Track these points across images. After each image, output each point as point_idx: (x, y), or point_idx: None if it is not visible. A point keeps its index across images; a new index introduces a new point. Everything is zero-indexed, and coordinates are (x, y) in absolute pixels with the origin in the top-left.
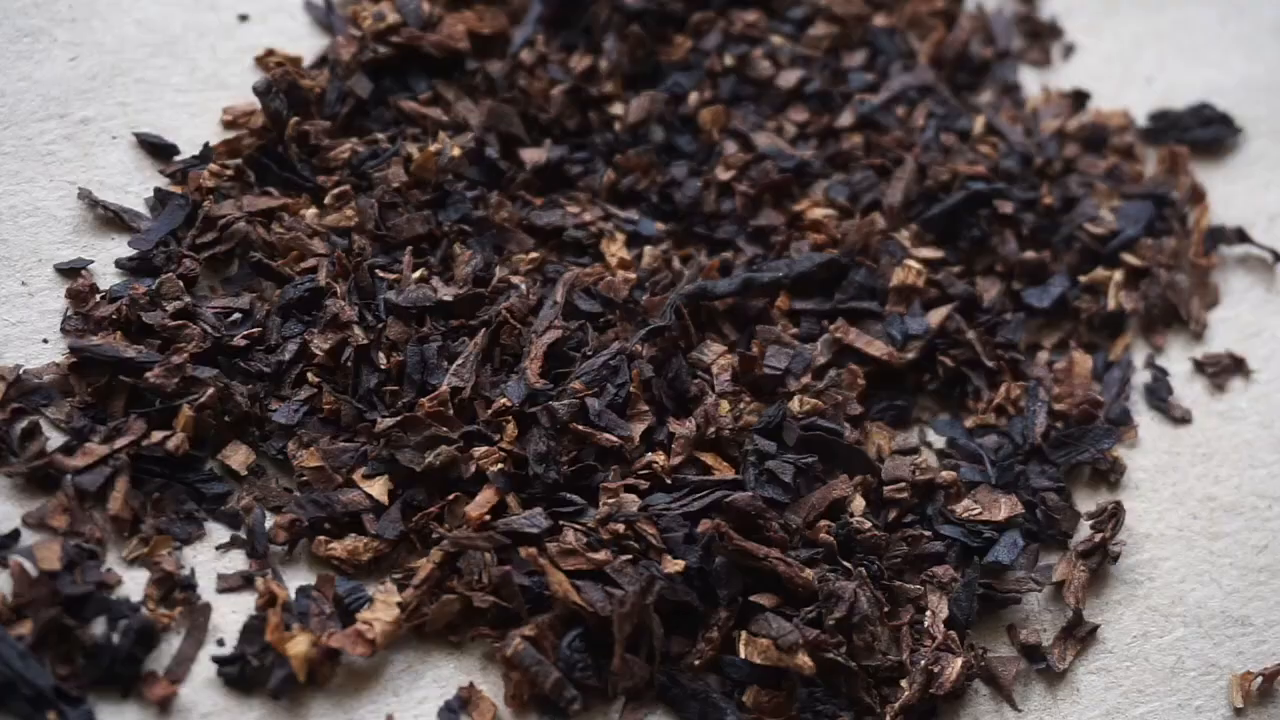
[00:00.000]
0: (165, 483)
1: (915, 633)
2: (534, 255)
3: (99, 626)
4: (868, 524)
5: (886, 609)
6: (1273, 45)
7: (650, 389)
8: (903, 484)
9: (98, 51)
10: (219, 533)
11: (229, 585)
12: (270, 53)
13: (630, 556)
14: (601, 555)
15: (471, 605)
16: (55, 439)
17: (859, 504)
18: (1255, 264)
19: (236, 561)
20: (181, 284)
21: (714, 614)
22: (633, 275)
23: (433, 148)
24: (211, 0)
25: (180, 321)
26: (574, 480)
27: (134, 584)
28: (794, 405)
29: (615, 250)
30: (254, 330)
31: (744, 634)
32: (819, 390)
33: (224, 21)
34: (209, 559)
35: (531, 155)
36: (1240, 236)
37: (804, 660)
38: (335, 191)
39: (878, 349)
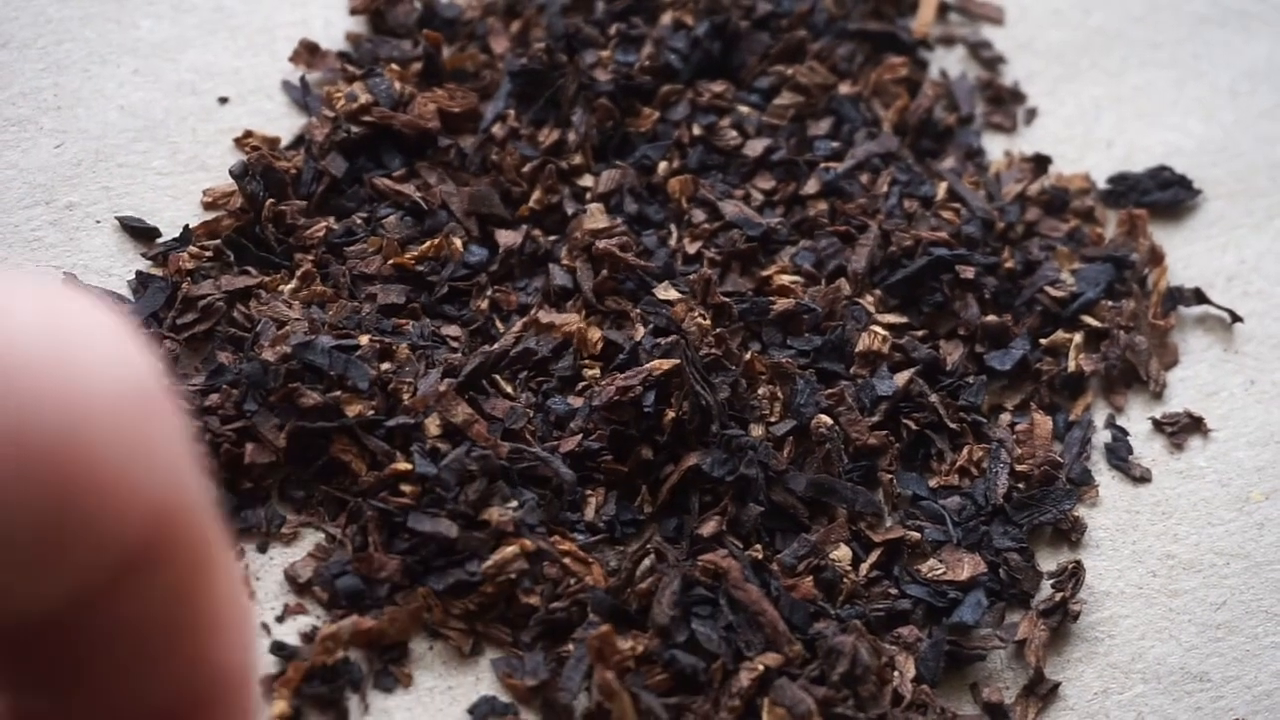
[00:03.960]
0: None
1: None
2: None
3: None
4: (849, 570)
5: (885, 660)
6: (1230, 107)
7: None
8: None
9: (82, 138)
10: None
11: None
12: (249, 134)
13: None
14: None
15: None
16: None
17: (844, 553)
18: (1214, 324)
19: None
20: (162, 365)
21: (727, 678)
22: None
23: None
24: (193, 84)
25: None
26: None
27: None
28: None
29: (592, 335)
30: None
31: (767, 702)
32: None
33: (204, 104)
34: None
35: (506, 238)
36: (1199, 297)
37: None
38: (300, 272)
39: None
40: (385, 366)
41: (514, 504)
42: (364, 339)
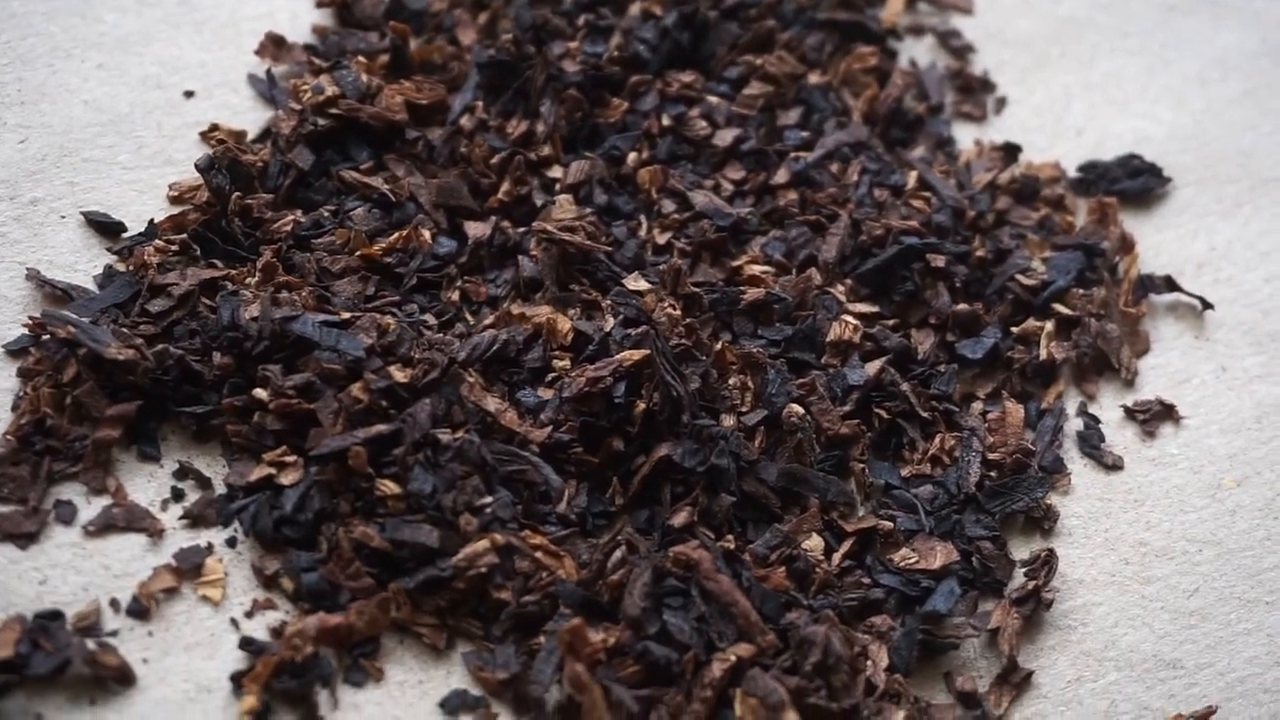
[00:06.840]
0: None
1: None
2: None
3: None
4: (822, 560)
5: (858, 650)
6: (1199, 95)
7: None
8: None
9: (46, 133)
10: None
11: None
12: (214, 128)
13: None
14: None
15: None
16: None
17: (816, 543)
18: (1184, 311)
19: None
20: None
21: (699, 669)
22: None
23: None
24: (158, 78)
25: None
26: None
27: None
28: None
29: (561, 325)
30: None
31: (739, 693)
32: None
33: (170, 99)
34: None
35: (475, 230)
36: (1169, 285)
37: (792, 718)
38: (261, 264)
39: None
40: (375, 340)
41: (488, 499)
42: (345, 315)
